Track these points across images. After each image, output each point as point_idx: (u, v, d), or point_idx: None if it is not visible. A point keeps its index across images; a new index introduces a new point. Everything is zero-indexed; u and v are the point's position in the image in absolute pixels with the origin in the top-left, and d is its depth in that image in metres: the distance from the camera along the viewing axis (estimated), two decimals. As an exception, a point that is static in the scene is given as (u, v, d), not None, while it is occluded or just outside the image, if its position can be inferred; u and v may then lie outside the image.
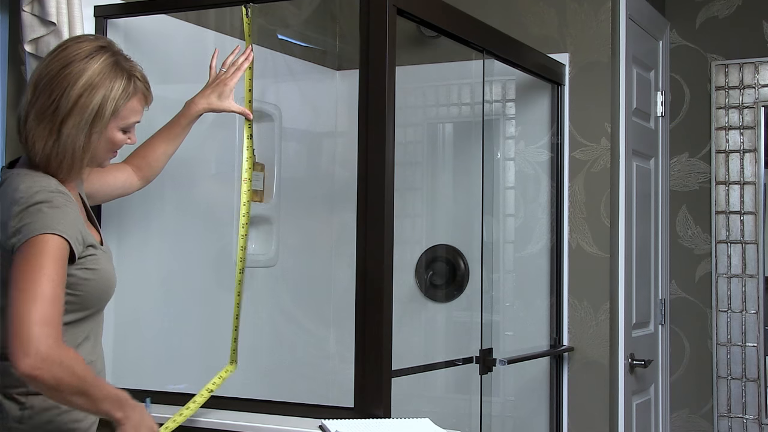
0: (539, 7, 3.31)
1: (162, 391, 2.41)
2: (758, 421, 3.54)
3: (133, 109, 1.85)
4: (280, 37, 3.39)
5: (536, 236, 3.28)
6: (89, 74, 1.76)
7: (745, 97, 3.61)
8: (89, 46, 1.80)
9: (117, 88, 1.79)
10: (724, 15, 3.69)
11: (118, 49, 1.86)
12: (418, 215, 3.57)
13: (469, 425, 2.98)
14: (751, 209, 3.59)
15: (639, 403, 3.39)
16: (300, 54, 3.51)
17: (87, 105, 1.76)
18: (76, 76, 1.76)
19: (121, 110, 1.81)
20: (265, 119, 3.26)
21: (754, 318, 3.56)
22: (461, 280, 3.45)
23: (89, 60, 1.77)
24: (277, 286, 3.35)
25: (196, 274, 2.93)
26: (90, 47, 1.79)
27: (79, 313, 1.81)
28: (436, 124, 3.55)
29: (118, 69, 1.81)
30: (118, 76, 1.80)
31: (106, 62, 1.79)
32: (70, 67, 1.76)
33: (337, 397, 2.32)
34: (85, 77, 1.76)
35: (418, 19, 2.37)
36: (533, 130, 3.30)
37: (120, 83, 1.80)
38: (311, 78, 3.55)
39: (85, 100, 1.76)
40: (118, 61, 1.82)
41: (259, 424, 2.17)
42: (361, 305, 2.16)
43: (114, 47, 1.85)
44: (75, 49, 1.79)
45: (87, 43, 1.81)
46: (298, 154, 3.49)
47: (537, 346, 3.23)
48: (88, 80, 1.76)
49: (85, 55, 1.78)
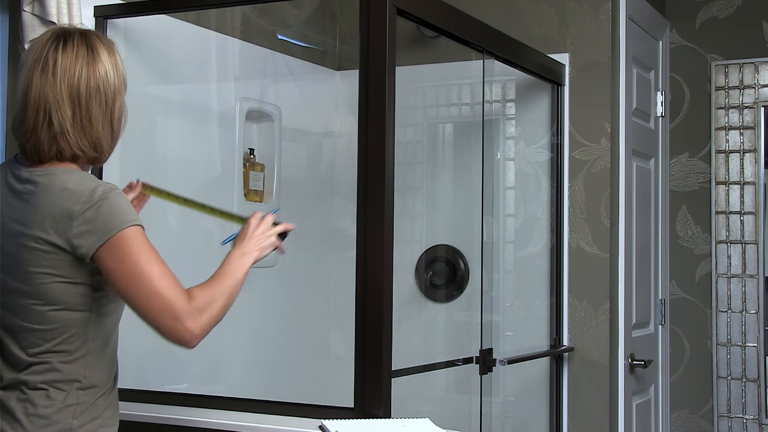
0: (539, 7, 3.31)
1: (162, 391, 2.41)
2: (758, 421, 3.54)
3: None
4: (280, 37, 3.39)
5: (536, 236, 3.28)
6: (105, 59, 1.77)
7: (745, 97, 3.61)
8: (73, 42, 1.76)
9: (120, 60, 1.80)
10: (724, 15, 3.69)
11: (71, 28, 1.83)
12: (418, 215, 3.57)
13: (469, 425, 2.99)
14: (751, 209, 3.59)
15: (639, 403, 3.39)
16: (300, 54, 3.51)
17: (120, 82, 1.79)
18: (103, 68, 1.76)
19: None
20: (265, 119, 3.26)
21: (754, 318, 3.56)
22: (461, 280, 3.45)
23: (93, 50, 1.76)
24: (277, 287, 3.35)
25: (196, 274, 2.93)
26: (77, 43, 1.75)
27: (119, 308, 1.84)
28: (436, 124, 3.55)
29: (105, 42, 1.80)
30: (113, 47, 1.81)
31: (97, 43, 1.77)
32: (92, 64, 1.75)
33: (337, 397, 2.31)
34: (106, 64, 1.77)
35: (418, 19, 2.37)
36: (533, 130, 3.30)
37: (116, 54, 1.81)
38: (311, 78, 3.56)
39: (118, 80, 1.78)
40: (94, 35, 1.80)
41: (259, 424, 2.17)
42: (361, 305, 2.16)
43: (71, 28, 1.82)
44: (73, 51, 1.74)
45: (70, 42, 1.76)
46: (298, 154, 3.50)
47: (537, 346, 3.23)
48: (110, 64, 1.77)
49: (84, 48, 1.75)
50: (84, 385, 1.74)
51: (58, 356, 1.72)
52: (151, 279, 1.69)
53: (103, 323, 1.77)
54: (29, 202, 1.71)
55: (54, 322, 1.71)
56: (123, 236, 1.68)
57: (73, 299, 1.71)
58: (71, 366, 1.73)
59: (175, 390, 2.60)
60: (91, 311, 1.74)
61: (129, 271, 1.68)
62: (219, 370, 3.11)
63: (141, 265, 1.68)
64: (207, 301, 1.76)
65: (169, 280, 1.71)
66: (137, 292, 1.69)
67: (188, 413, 2.27)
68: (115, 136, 1.81)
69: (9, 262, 1.72)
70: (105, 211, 1.67)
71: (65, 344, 1.72)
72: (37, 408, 1.71)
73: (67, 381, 1.73)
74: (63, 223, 1.67)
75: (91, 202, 1.67)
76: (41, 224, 1.68)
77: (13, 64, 2.48)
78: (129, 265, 1.68)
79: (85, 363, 1.74)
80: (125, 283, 1.69)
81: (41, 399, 1.71)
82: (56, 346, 1.72)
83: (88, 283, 1.72)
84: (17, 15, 2.39)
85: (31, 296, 1.70)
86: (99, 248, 1.67)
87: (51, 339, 1.71)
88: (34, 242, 1.68)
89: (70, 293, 1.71)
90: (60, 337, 1.71)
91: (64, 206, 1.67)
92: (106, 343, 1.79)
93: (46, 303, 1.70)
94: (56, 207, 1.68)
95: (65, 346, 1.72)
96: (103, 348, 1.78)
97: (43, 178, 1.71)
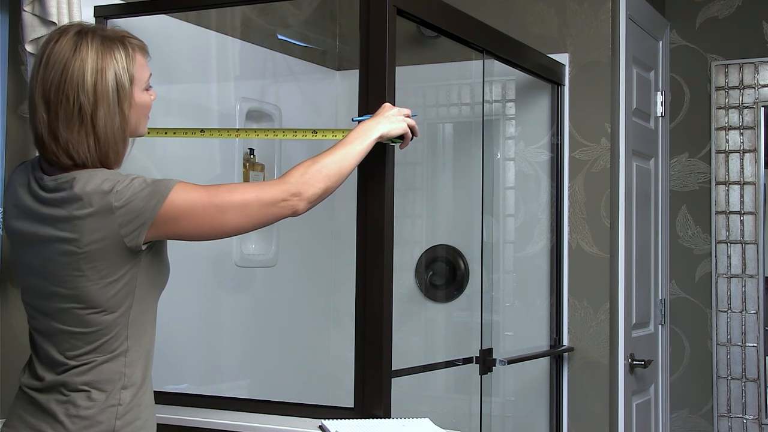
0: (539, 7, 3.31)
1: (162, 391, 2.41)
2: (758, 421, 3.54)
3: (142, 64, 1.83)
4: (280, 37, 3.39)
5: (536, 236, 3.28)
6: (90, 61, 1.73)
7: (745, 98, 3.61)
8: (68, 38, 1.76)
9: (120, 58, 1.77)
10: (724, 15, 3.69)
11: (88, 25, 1.83)
12: (418, 215, 3.57)
13: (469, 425, 2.98)
14: (751, 209, 3.59)
15: (639, 403, 3.39)
16: (300, 54, 3.51)
17: (106, 88, 1.74)
18: (80, 70, 1.73)
19: (135, 73, 1.79)
20: (265, 119, 3.26)
21: (754, 318, 3.56)
22: (461, 280, 3.45)
23: (79, 50, 1.74)
24: (277, 286, 3.35)
25: (196, 274, 2.93)
26: (70, 39, 1.75)
27: (158, 294, 1.85)
28: (436, 124, 3.55)
29: (107, 40, 1.77)
30: (112, 47, 1.77)
31: (94, 41, 1.76)
32: (68, 66, 1.73)
33: (337, 397, 2.32)
34: (89, 66, 1.73)
35: (418, 19, 2.37)
36: (533, 130, 3.30)
37: (119, 51, 1.77)
38: (311, 78, 3.56)
39: (102, 86, 1.73)
40: (99, 33, 1.79)
41: (259, 424, 2.17)
42: (361, 305, 2.16)
43: (84, 25, 1.82)
44: (60, 50, 1.75)
45: (64, 38, 1.76)
46: (298, 154, 3.49)
47: (537, 346, 3.23)
48: (93, 67, 1.73)
49: (72, 47, 1.74)
50: (125, 384, 1.75)
51: (98, 357, 1.73)
52: (224, 204, 1.77)
53: (140, 321, 1.77)
54: (61, 207, 1.71)
55: (95, 324, 1.71)
56: (170, 203, 1.72)
57: (113, 301, 1.72)
58: (112, 366, 1.74)
59: (175, 390, 2.60)
60: (131, 310, 1.75)
61: (203, 221, 1.76)
62: (219, 370, 3.11)
63: (209, 209, 1.76)
64: (302, 172, 1.86)
65: (238, 187, 1.81)
66: (225, 220, 1.78)
67: (188, 413, 2.27)
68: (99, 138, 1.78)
69: (46, 266, 1.72)
70: (140, 195, 1.70)
71: (106, 345, 1.73)
72: (79, 409, 1.71)
73: (109, 381, 1.73)
74: (104, 219, 1.68)
75: (123, 193, 1.69)
76: (78, 227, 1.68)
77: (14, 64, 2.48)
78: (198, 219, 1.75)
79: (126, 362, 1.75)
80: (206, 230, 1.78)
81: (83, 400, 1.71)
82: (97, 348, 1.72)
83: (128, 280, 1.72)
84: (17, 15, 2.40)
85: (72, 300, 1.71)
86: (151, 225, 1.70)
87: (92, 341, 1.72)
88: (71, 245, 1.68)
89: (110, 294, 1.71)
90: (101, 339, 1.72)
91: (100, 204, 1.68)
92: (143, 342, 1.79)
93: (87, 306, 1.71)
94: (93, 206, 1.68)
95: (106, 347, 1.73)
96: (141, 347, 1.78)
97: (68, 183, 1.72)
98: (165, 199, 1.71)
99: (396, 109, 2.07)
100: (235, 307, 3.20)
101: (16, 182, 1.83)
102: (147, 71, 1.84)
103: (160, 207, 1.70)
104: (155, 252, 1.78)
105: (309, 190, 1.86)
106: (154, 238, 1.74)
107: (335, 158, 1.91)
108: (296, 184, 1.85)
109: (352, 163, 1.95)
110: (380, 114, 2.05)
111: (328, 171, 1.88)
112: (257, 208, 1.80)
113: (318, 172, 1.87)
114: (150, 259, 1.76)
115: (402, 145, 2.09)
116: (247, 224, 1.81)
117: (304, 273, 3.50)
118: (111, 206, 1.68)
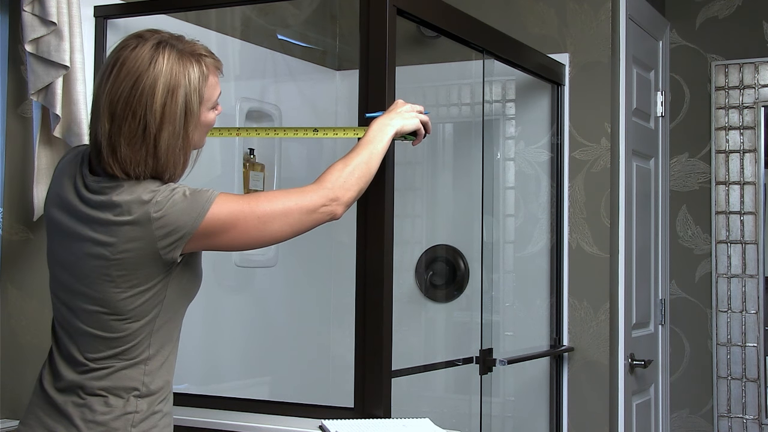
0: (539, 7, 3.31)
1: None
2: (758, 421, 3.54)
3: (214, 85, 1.77)
4: (280, 37, 3.39)
5: (536, 236, 3.28)
6: (163, 79, 1.66)
7: (745, 98, 3.61)
8: (146, 49, 1.69)
9: (194, 78, 1.70)
10: (724, 15, 3.69)
11: (167, 34, 1.75)
12: (418, 215, 3.57)
13: (469, 425, 2.98)
14: (751, 209, 3.59)
15: (639, 403, 3.39)
16: (300, 54, 3.51)
17: (174, 110, 1.68)
18: (152, 87, 1.66)
19: (205, 94, 1.74)
20: (265, 119, 3.26)
21: (754, 318, 3.56)
22: (461, 280, 3.45)
23: (154, 64, 1.67)
24: (277, 286, 3.35)
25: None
26: (147, 51, 1.68)
27: (187, 304, 1.82)
28: (436, 124, 3.55)
29: (184, 57, 1.71)
30: (187, 65, 1.70)
31: (170, 57, 1.69)
32: (141, 80, 1.66)
33: (337, 397, 2.31)
34: (161, 84, 1.66)
35: (418, 19, 2.37)
36: (533, 130, 3.30)
37: (193, 71, 1.71)
38: (311, 78, 3.56)
39: (171, 107, 1.67)
40: (177, 47, 1.72)
41: (259, 424, 2.17)
42: (361, 305, 2.16)
43: (163, 34, 1.74)
44: (135, 59, 1.68)
45: (141, 48, 1.69)
46: (298, 154, 3.50)
47: (537, 346, 3.23)
48: (165, 85, 1.66)
49: (147, 60, 1.67)
50: (143, 393, 1.72)
51: (117, 363, 1.70)
52: (266, 214, 1.75)
53: (165, 331, 1.75)
54: (100, 210, 1.68)
55: (119, 330, 1.69)
56: (211, 216, 1.69)
57: (138, 310, 1.69)
58: (131, 373, 1.71)
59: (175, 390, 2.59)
60: (156, 319, 1.72)
61: (245, 233, 1.73)
62: (219, 370, 3.11)
63: (251, 220, 1.73)
64: (336, 176, 1.86)
65: (278, 196, 1.79)
66: (266, 230, 1.76)
67: (188, 413, 2.27)
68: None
69: (76, 263, 1.69)
70: (180, 207, 1.66)
71: (127, 352, 1.71)
72: (95, 414, 1.69)
73: (126, 388, 1.71)
74: (142, 228, 1.64)
75: (162, 204, 1.65)
76: (114, 232, 1.65)
77: (14, 64, 2.48)
78: (239, 232, 1.73)
79: (146, 370, 1.73)
80: (246, 241, 1.75)
81: (100, 405, 1.70)
82: (118, 354, 1.70)
83: (158, 290, 1.70)
84: (17, 15, 2.40)
85: (98, 304, 1.68)
86: (191, 239, 1.68)
87: (114, 347, 1.70)
88: (105, 249, 1.66)
89: (137, 303, 1.68)
90: (123, 346, 1.70)
91: (139, 213, 1.64)
92: (165, 351, 1.77)
93: (112, 312, 1.68)
94: (132, 214, 1.65)
95: (127, 353, 1.71)
96: (162, 356, 1.76)
97: (111, 189, 1.68)
98: (207, 212, 1.67)
99: (409, 105, 2.07)
100: (234, 307, 3.20)
101: (65, 170, 1.77)
102: (217, 90, 1.79)
103: (202, 221, 1.67)
104: (189, 262, 1.75)
105: (346, 194, 1.86)
106: (191, 251, 1.71)
107: (363, 158, 1.91)
108: (334, 188, 1.84)
109: (377, 162, 1.95)
110: (393, 110, 2.05)
111: (360, 173, 1.89)
112: (298, 216, 1.79)
113: (351, 174, 1.88)
114: (182, 269, 1.73)
115: (415, 141, 2.09)
116: (289, 233, 1.79)
117: (304, 273, 3.50)
118: (150, 216, 1.64)
